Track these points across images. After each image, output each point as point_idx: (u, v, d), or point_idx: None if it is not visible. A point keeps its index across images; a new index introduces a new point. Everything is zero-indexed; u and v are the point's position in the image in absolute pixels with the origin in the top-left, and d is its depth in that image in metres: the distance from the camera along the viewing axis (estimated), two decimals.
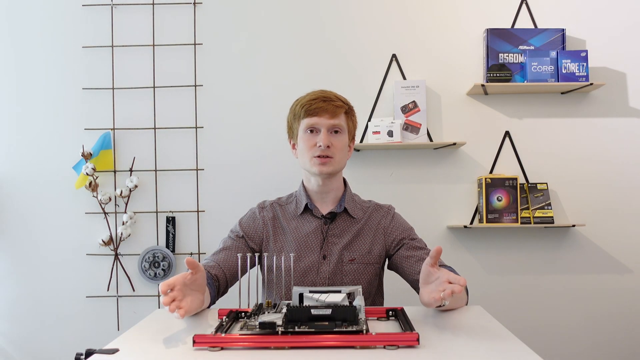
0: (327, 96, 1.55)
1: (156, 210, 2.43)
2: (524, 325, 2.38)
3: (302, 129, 1.55)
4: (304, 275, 1.55)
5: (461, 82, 2.42)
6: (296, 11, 2.44)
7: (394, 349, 1.00)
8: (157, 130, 2.44)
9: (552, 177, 2.41)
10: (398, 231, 1.61)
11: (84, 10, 2.44)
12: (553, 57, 2.32)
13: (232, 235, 1.61)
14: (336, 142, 1.53)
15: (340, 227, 1.59)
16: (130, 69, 2.44)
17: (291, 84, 2.40)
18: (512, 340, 1.06)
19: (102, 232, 2.43)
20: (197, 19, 2.44)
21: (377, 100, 2.42)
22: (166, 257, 2.40)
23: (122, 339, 1.12)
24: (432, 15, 2.43)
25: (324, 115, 1.52)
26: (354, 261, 1.57)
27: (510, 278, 2.42)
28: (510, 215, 2.32)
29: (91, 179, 2.37)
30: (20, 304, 2.44)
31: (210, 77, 2.44)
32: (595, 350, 2.40)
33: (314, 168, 1.53)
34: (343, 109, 1.55)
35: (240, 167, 2.43)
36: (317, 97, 1.54)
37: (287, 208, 1.63)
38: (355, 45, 2.43)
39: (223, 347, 1.02)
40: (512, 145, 2.42)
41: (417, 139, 2.36)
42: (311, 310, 1.07)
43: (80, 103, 2.44)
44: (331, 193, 1.60)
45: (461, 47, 2.42)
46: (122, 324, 2.42)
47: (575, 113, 2.41)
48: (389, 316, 1.26)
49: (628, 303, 2.40)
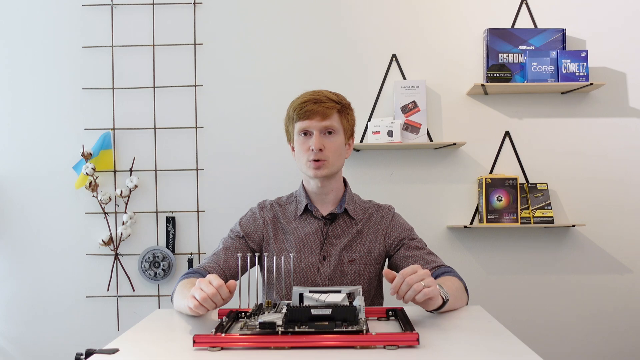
0: (318, 98, 1.52)
1: (156, 210, 2.43)
2: (524, 325, 2.38)
3: (296, 132, 1.55)
4: (303, 276, 1.55)
5: (461, 82, 2.42)
6: (296, 11, 2.44)
7: (394, 349, 1.00)
8: (157, 130, 2.44)
9: (552, 177, 2.41)
10: (398, 231, 1.61)
11: (84, 10, 2.44)
12: (553, 57, 2.32)
13: (232, 235, 1.61)
14: (329, 144, 1.52)
15: (340, 228, 1.59)
16: (130, 69, 2.44)
17: (291, 83, 2.40)
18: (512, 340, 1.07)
19: (102, 232, 2.43)
20: (197, 19, 2.44)
21: (377, 100, 2.42)
22: (166, 257, 2.40)
23: (122, 339, 1.12)
24: (432, 15, 2.43)
25: (315, 118, 1.50)
26: (353, 262, 1.56)
27: (510, 278, 2.42)
28: (510, 215, 2.32)
29: (91, 179, 2.37)
30: (20, 303, 2.44)
31: (210, 77, 2.44)
32: (595, 350, 2.40)
33: (309, 172, 1.52)
34: (335, 109, 1.53)
35: (240, 167, 2.43)
36: (308, 100, 1.52)
37: (287, 208, 1.63)
38: (355, 45, 2.43)
39: (223, 347, 1.02)
40: (512, 145, 2.42)
41: (417, 139, 2.36)
42: (311, 310, 1.07)
43: (80, 103, 2.44)
44: (331, 194, 1.59)
45: (461, 47, 2.42)
46: (122, 324, 2.42)
47: (575, 113, 2.41)
48: (389, 316, 1.26)
49: (628, 303, 2.40)
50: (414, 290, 1.15)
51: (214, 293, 1.15)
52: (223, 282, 1.18)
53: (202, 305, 1.16)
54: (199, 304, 1.16)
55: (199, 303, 1.16)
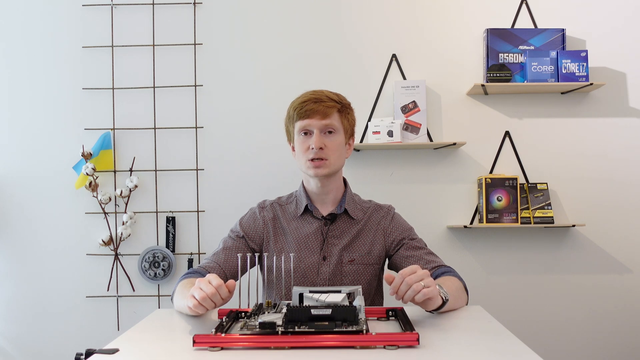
0: (318, 97, 1.52)
1: (156, 210, 2.43)
2: (524, 325, 2.38)
3: (297, 132, 1.55)
4: (303, 276, 1.55)
5: (461, 82, 2.42)
6: (296, 11, 2.44)
7: (394, 349, 1.00)
8: (157, 130, 2.44)
9: (552, 177, 2.41)
10: (398, 231, 1.61)
11: (84, 10, 2.44)
12: (553, 57, 2.32)
13: (232, 235, 1.61)
14: (330, 143, 1.52)
15: (340, 228, 1.59)
16: (130, 69, 2.44)
17: (291, 84, 2.40)
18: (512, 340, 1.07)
19: (102, 232, 2.43)
20: (197, 19, 2.44)
21: (377, 100, 2.42)
22: (166, 257, 2.40)
23: (122, 339, 1.12)
24: (432, 15, 2.43)
25: (316, 117, 1.51)
26: (353, 262, 1.56)
27: (510, 278, 2.42)
28: (510, 215, 2.32)
29: (91, 179, 2.37)
30: (20, 303, 2.44)
31: (210, 77, 2.44)
32: (595, 349, 2.40)
33: (310, 171, 1.53)
34: (335, 109, 1.53)
35: (240, 167, 2.43)
36: (308, 99, 1.52)
37: (287, 208, 1.63)
38: (355, 45, 2.43)
39: (223, 347, 1.02)
40: (512, 145, 2.42)
41: (417, 139, 2.36)
42: (311, 310, 1.07)
43: (80, 103, 2.44)
44: (331, 194, 1.59)
45: (461, 47, 2.42)
46: (122, 324, 2.42)
47: (575, 113, 2.41)
48: (389, 316, 1.26)
49: (628, 303, 2.40)
50: (413, 290, 1.15)
51: (213, 293, 1.15)
52: (222, 281, 1.18)
53: (202, 304, 1.16)
54: (198, 304, 1.16)
55: (198, 302, 1.16)
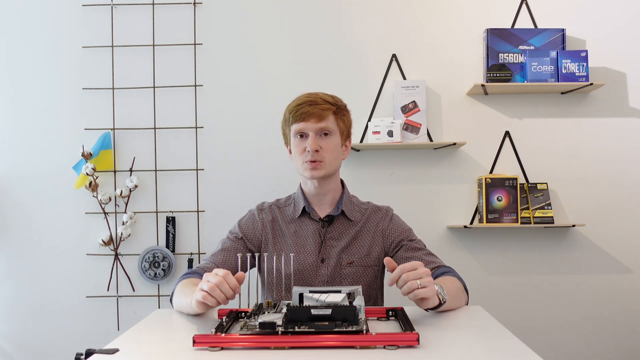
0: (313, 100, 1.53)
1: (156, 210, 2.43)
2: (524, 325, 2.38)
3: (292, 135, 1.56)
4: (302, 278, 1.55)
5: (461, 82, 2.42)
6: (296, 11, 2.44)
7: (394, 349, 1.00)
8: (157, 130, 2.44)
9: (552, 177, 2.41)
10: (397, 233, 1.60)
11: (84, 10, 2.44)
12: (553, 57, 2.32)
13: (230, 236, 1.61)
14: (326, 145, 1.52)
15: (338, 230, 1.59)
16: (130, 69, 2.44)
17: (291, 83, 2.40)
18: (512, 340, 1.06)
19: (102, 232, 2.43)
20: (197, 19, 2.44)
21: (377, 100, 2.42)
22: (166, 257, 2.40)
23: (122, 339, 1.12)
24: (432, 15, 2.43)
25: (311, 120, 1.51)
26: (352, 264, 1.56)
27: (510, 278, 2.42)
28: (510, 215, 2.32)
29: (91, 179, 2.37)
30: (20, 303, 2.44)
31: (210, 77, 2.44)
32: (595, 349, 2.40)
33: (306, 173, 1.53)
34: (330, 111, 1.54)
35: (240, 167, 2.43)
36: (304, 102, 1.53)
37: (285, 210, 1.63)
38: (355, 45, 2.43)
39: (223, 347, 1.02)
40: (512, 145, 2.42)
41: (417, 139, 2.36)
42: (311, 310, 1.07)
43: (80, 103, 2.44)
44: (328, 195, 1.59)
45: (461, 47, 2.42)
46: (122, 324, 2.42)
47: (575, 113, 2.41)
48: (389, 316, 1.26)
49: (628, 303, 2.40)
50: (408, 287, 1.16)
51: (221, 281, 1.16)
52: (229, 272, 1.18)
53: (210, 294, 1.16)
54: (207, 294, 1.16)
55: (207, 293, 1.16)
